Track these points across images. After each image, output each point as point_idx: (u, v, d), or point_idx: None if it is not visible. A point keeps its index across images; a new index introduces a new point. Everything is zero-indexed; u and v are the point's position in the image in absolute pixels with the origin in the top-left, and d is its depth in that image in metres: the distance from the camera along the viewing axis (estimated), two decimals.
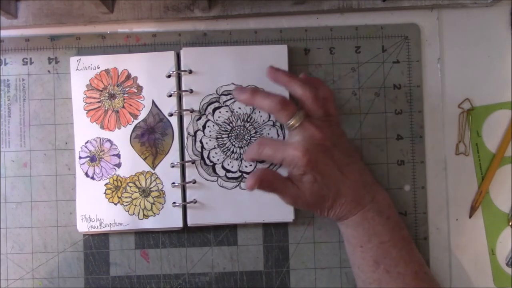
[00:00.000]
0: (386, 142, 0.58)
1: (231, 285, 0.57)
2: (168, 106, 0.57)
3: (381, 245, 0.51)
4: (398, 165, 0.58)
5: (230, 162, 0.57)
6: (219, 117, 0.57)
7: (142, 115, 0.57)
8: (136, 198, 0.57)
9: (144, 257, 0.58)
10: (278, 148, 0.50)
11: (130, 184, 0.57)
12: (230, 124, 0.57)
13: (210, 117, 0.57)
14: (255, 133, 0.57)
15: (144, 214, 0.56)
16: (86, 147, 0.57)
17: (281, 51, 0.57)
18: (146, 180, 0.57)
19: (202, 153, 0.57)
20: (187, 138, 0.57)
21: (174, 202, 0.56)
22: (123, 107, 0.57)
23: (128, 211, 0.56)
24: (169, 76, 0.57)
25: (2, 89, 0.58)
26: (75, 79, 0.57)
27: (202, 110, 0.57)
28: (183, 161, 0.57)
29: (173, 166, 0.57)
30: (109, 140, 0.57)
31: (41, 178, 0.58)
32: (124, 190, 0.57)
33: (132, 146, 0.57)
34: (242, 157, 0.57)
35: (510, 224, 0.58)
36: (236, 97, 0.53)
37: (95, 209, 0.56)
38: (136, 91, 0.57)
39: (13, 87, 0.58)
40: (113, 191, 0.57)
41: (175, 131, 0.57)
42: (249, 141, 0.57)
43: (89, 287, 0.57)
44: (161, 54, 0.57)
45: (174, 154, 0.57)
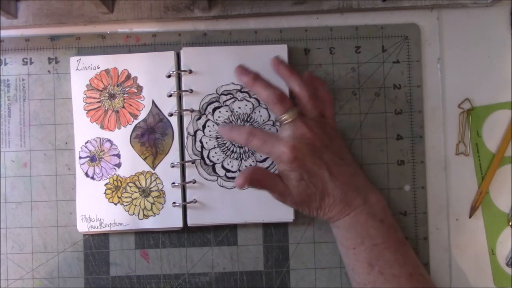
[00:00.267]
0: (386, 142, 0.58)
1: (231, 285, 0.57)
2: (168, 106, 0.57)
3: (374, 247, 0.50)
4: (398, 165, 0.58)
5: (230, 161, 0.57)
6: (219, 117, 0.57)
7: (142, 115, 0.57)
8: (136, 198, 0.57)
9: (144, 257, 0.58)
10: (267, 141, 0.50)
11: (130, 184, 0.57)
12: (230, 124, 0.57)
13: (210, 116, 0.57)
14: None
15: (144, 214, 0.56)
16: (86, 147, 0.57)
17: (281, 51, 0.57)
18: (146, 180, 0.57)
19: (202, 152, 0.57)
20: (187, 138, 0.57)
21: (174, 202, 0.56)
22: (123, 107, 0.57)
23: (128, 211, 0.56)
24: (169, 76, 0.57)
25: (2, 89, 0.58)
26: (75, 79, 0.57)
27: (202, 110, 0.57)
28: (183, 161, 0.57)
29: (173, 166, 0.57)
30: (109, 140, 0.57)
31: (41, 178, 0.58)
32: (124, 190, 0.57)
33: (132, 146, 0.57)
34: (242, 156, 0.57)
35: (510, 224, 0.58)
36: (237, 76, 0.53)
37: (95, 209, 0.56)
38: (136, 91, 0.57)
39: (13, 87, 0.59)
40: (113, 191, 0.57)
41: (175, 131, 0.57)
42: None
43: (89, 287, 0.57)
44: (161, 54, 0.57)
45: (174, 154, 0.57)
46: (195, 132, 0.57)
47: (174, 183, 0.56)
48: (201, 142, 0.57)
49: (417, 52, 0.59)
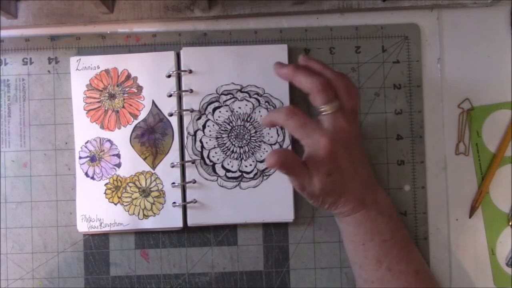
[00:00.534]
0: (386, 142, 0.58)
1: (231, 285, 0.57)
2: (168, 106, 0.57)
3: (383, 243, 0.51)
4: (398, 165, 0.58)
5: (230, 161, 0.57)
6: (219, 116, 0.57)
7: (142, 115, 0.57)
8: (136, 198, 0.57)
9: (144, 257, 0.58)
10: (307, 125, 0.48)
11: (130, 184, 0.57)
12: (230, 123, 0.57)
13: (210, 116, 0.57)
14: (255, 132, 0.57)
15: (144, 214, 0.56)
16: (86, 147, 0.57)
17: (281, 51, 0.57)
18: (146, 180, 0.57)
19: (202, 152, 0.57)
20: (187, 138, 0.57)
21: (174, 202, 0.56)
22: (123, 107, 0.57)
23: (128, 211, 0.56)
24: (169, 76, 0.57)
25: (2, 89, 0.58)
26: (75, 79, 0.57)
27: (202, 110, 0.57)
28: (183, 161, 0.57)
29: (173, 166, 0.57)
30: (109, 140, 0.57)
31: (41, 178, 0.58)
32: (124, 190, 0.57)
33: (132, 146, 0.57)
34: (242, 156, 0.57)
35: (510, 224, 0.58)
36: (276, 71, 0.50)
37: (95, 209, 0.56)
38: (136, 91, 0.57)
39: (13, 87, 0.58)
40: (113, 191, 0.57)
41: (175, 131, 0.57)
42: (249, 140, 0.57)
43: (89, 287, 0.57)
44: (161, 54, 0.57)
45: (174, 154, 0.57)
46: (195, 132, 0.57)
47: (174, 183, 0.56)
48: (201, 142, 0.57)
49: (417, 52, 0.59)
